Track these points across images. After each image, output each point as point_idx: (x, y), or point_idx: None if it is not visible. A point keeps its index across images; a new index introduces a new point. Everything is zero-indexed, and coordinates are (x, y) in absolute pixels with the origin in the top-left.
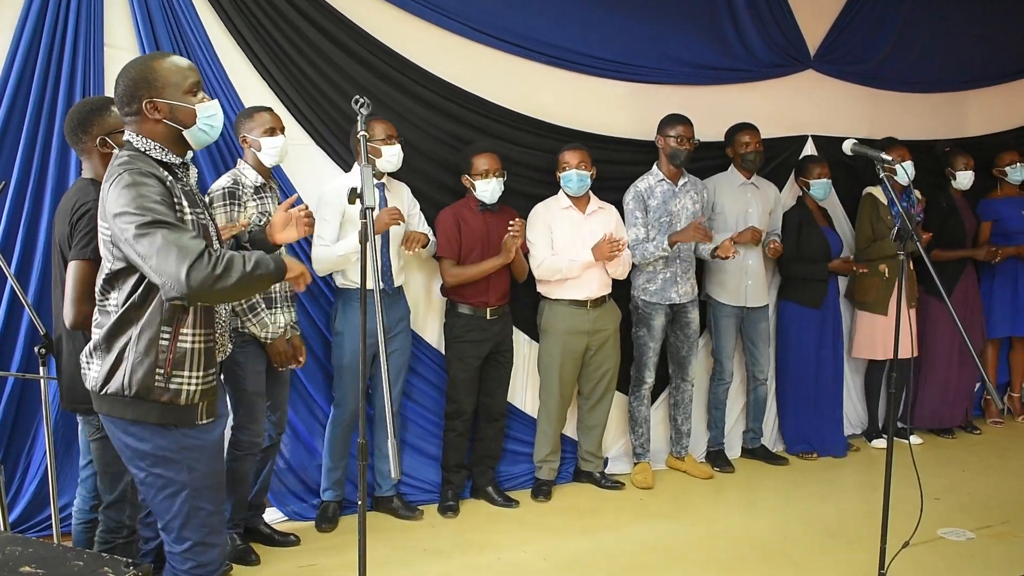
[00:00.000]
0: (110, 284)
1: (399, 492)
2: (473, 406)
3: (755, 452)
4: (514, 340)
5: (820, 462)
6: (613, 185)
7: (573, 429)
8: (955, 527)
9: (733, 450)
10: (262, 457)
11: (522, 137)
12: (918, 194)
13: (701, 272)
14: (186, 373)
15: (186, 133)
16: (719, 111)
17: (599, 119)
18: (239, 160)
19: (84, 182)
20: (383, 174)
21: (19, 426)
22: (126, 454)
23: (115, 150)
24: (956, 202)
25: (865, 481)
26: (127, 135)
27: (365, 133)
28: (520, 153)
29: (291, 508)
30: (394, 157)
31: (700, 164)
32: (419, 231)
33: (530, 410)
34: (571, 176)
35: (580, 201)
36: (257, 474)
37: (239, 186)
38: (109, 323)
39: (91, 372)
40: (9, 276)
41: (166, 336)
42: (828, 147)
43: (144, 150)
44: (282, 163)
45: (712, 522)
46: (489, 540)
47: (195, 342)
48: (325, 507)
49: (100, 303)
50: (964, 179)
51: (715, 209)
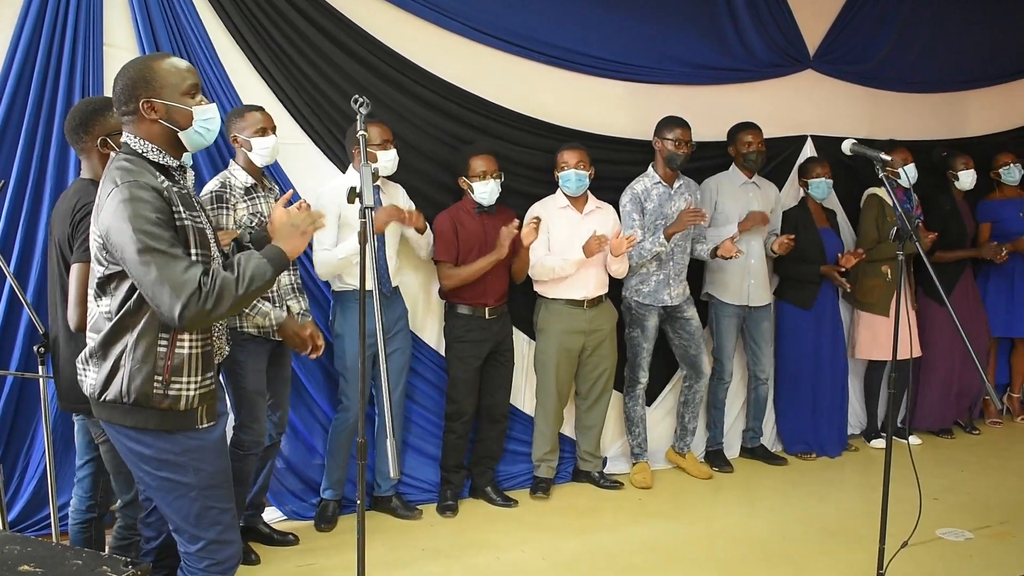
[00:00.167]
0: (102, 289)
1: (398, 492)
2: (474, 407)
3: (754, 452)
4: (516, 341)
5: (819, 462)
6: (613, 185)
7: (572, 429)
8: (954, 527)
9: (732, 450)
10: (263, 456)
11: (522, 137)
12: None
13: (701, 272)
14: (184, 379)
15: (181, 135)
16: (718, 111)
17: (599, 119)
18: (231, 161)
19: (84, 182)
20: (378, 177)
21: (18, 425)
22: (130, 459)
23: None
24: (958, 203)
25: (864, 481)
26: (125, 136)
27: (365, 133)
28: (520, 153)
29: (290, 508)
30: (390, 162)
31: (700, 164)
32: (418, 223)
33: (529, 410)
34: (569, 176)
35: (578, 201)
36: (257, 473)
37: (227, 189)
38: (104, 329)
39: (88, 379)
40: (8, 275)
41: (164, 343)
42: (827, 147)
43: (142, 152)
44: (273, 162)
45: (711, 522)
46: (488, 540)
47: (192, 347)
48: (324, 506)
49: (95, 305)
50: (967, 179)
51: (717, 208)
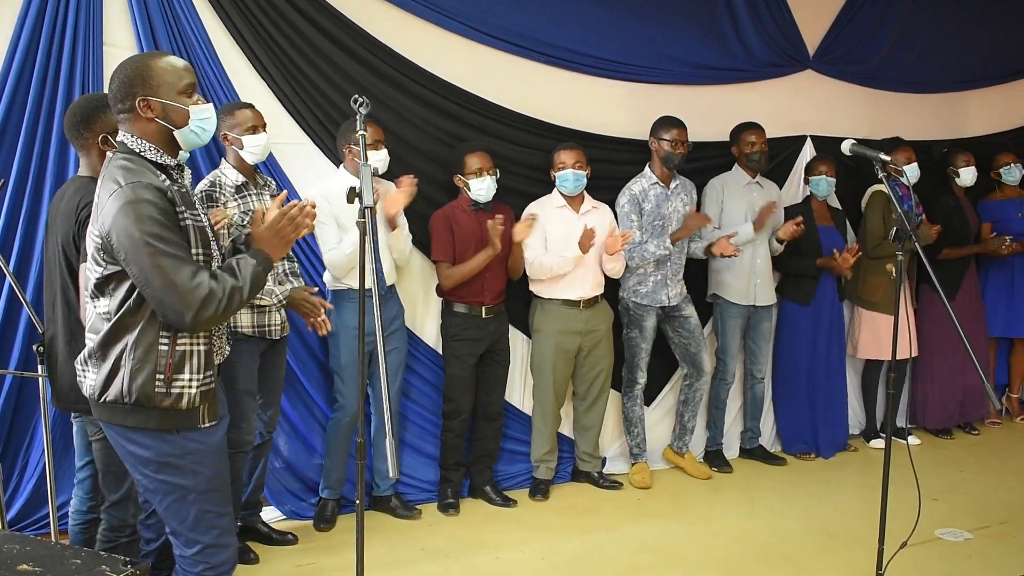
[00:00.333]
0: (100, 290)
1: (397, 492)
2: (470, 405)
3: (753, 452)
4: (510, 339)
5: (818, 462)
6: (613, 185)
7: (570, 429)
8: (953, 528)
9: (731, 450)
10: (255, 455)
11: (521, 137)
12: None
13: (705, 272)
14: (186, 376)
15: (177, 134)
16: (718, 111)
17: (598, 119)
18: (222, 160)
19: (84, 180)
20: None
21: (17, 424)
22: (129, 460)
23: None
24: (960, 201)
25: (863, 481)
26: (121, 135)
27: (364, 133)
28: (519, 153)
29: (289, 507)
30: (380, 162)
31: (700, 164)
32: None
33: (528, 409)
34: (567, 175)
35: (574, 200)
36: (251, 473)
37: (216, 188)
38: (103, 330)
39: (87, 380)
40: (8, 274)
41: (165, 341)
42: (827, 147)
43: (140, 151)
44: (265, 159)
45: (710, 522)
46: (487, 539)
47: (194, 345)
48: (323, 506)
49: (92, 306)
50: (967, 176)
51: (723, 209)
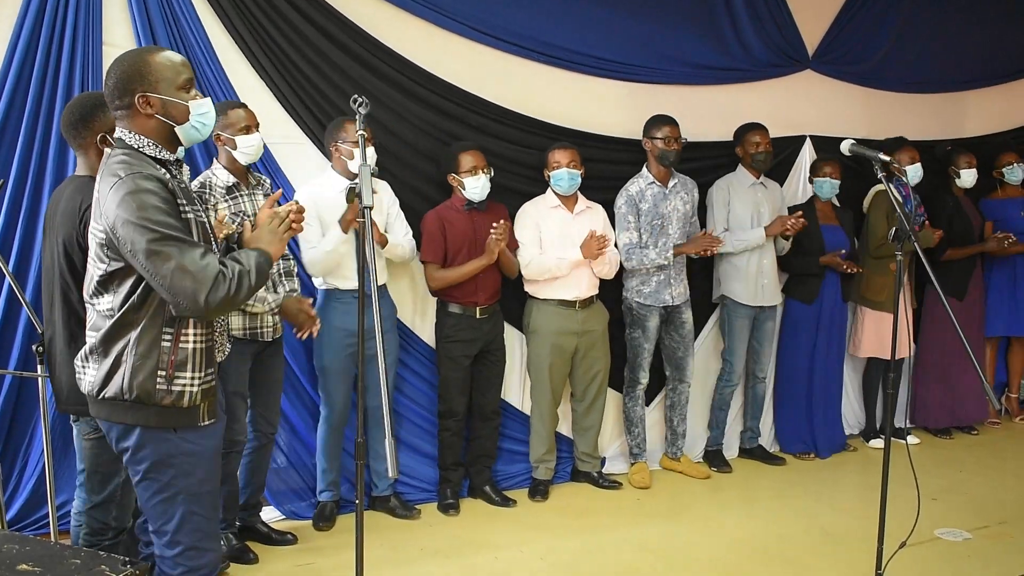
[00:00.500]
0: (103, 287)
1: (396, 492)
2: (466, 405)
3: (752, 452)
4: (508, 338)
5: (817, 462)
6: (612, 185)
7: (569, 428)
8: (952, 527)
9: (730, 450)
10: (257, 457)
11: (520, 136)
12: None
13: (706, 272)
14: (188, 374)
15: (178, 130)
16: (717, 111)
17: (597, 119)
18: (213, 160)
19: (83, 179)
20: (355, 175)
21: (17, 424)
22: (124, 457)
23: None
24: (961, 200)
25: (862, 481)
26: (119, 131)
27: (364, 132)
28: (519, 152)
29: (288, 507)
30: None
31: (700, 164)
32: (396, 227)
33: (527, 409)
34: (561, 175)
35: (568, 200)
36: (253, 473)
37: (207, 189)
38: (105, 327)
39: (87, 376)
40: (7, 274)
41: (168, 338)
42: (826, 148)
43: (138, 147)
44: (258, 160)
45: (709, 522)
46: (486, 539)
47: (196, 342)
48: (322, 506)
49: (92, 305)
50: (968, 177)
51: (730, 210)
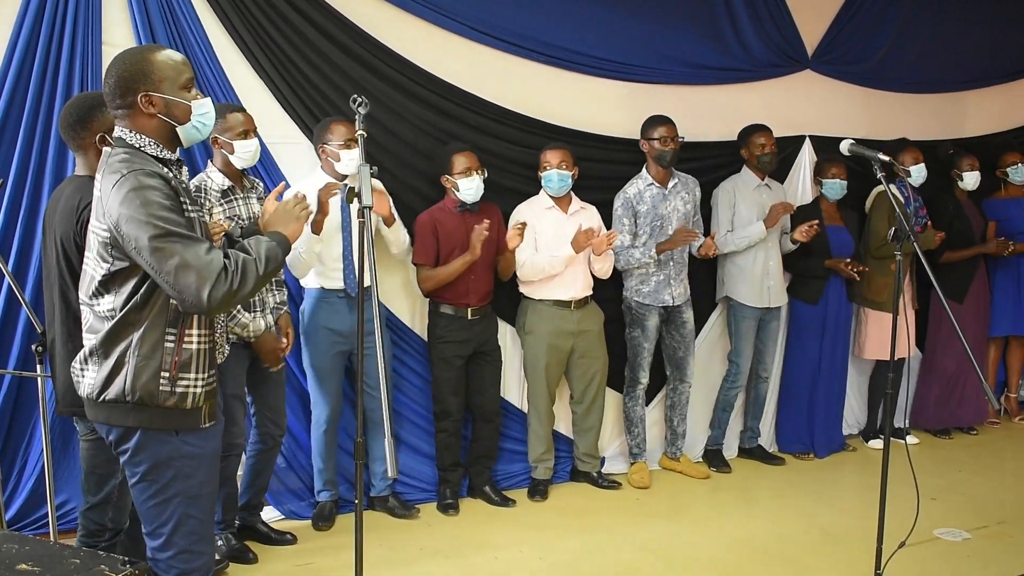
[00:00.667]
0: (105, 287)
1: (395, 491)
2: (460, 406)
3: (752, 452)
4: (506, 338)
5: (816, 462)
6: (612, 185)
7: (568, 428)
8: (951, 527)
9: (730, 450)
10: (263, 458)
11: (520, 136)
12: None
13: (710, 272)
14: (192, 375)
15: (179, 129)
16: (717, 111)
17: (597, 119)
18: (208, 162)
19: (82, 179)
20: (344, 176)
21: (16, 424)
22: (122, 458)
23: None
24: (963, 203)
25: (862, 481)
26: (119, 131)
27: (363, 132)
28: (518, 152)
29: (288, 507)
30: (352, 162)
31: (699, 164)
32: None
33: (526, 407)
34: (551, 176)
35: (562, 201)
36: (258, 474)
37: (202, 192)
38: (105, 328)
39: (86, 379)
40: (7, 274)
41: (171, 338)
42: (826, 148)
43: (139, 146)
44: (261, 160)
45: (709, 522)
46: (486, 539)
47: (200, 343)
48: (322, 506)
49: (90, 306)
50: (970, 180)
51: (736, 211)
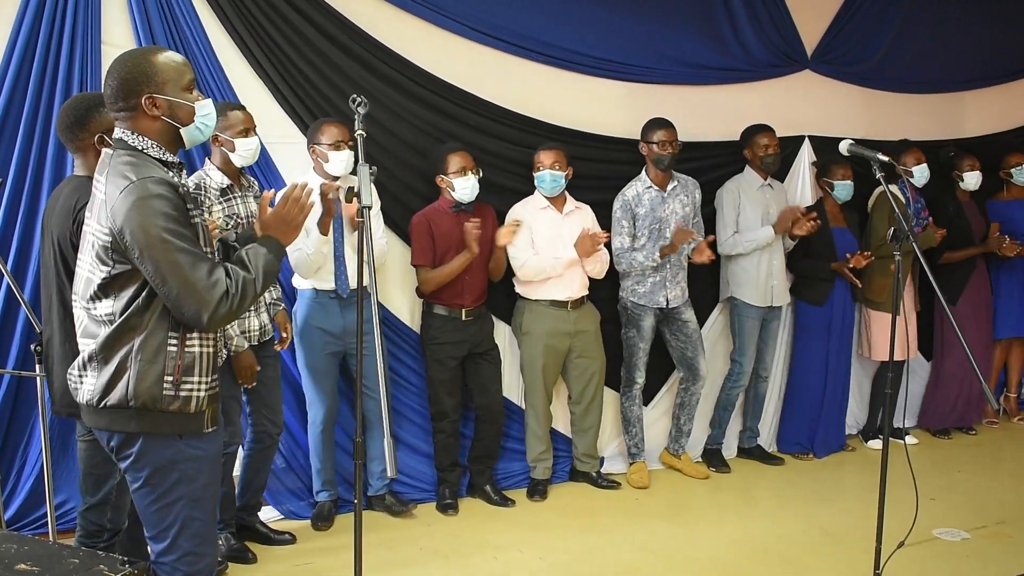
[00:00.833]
0: (104, 291)
1: (392, 490)
2: (456, 407)
3: (751, 452)
4: (504, 337)
5: (816, 462)
6: (612, 185)
7: (567, 426)
8: (950, 527)
9: (729, 449)
10: (260, 457)
11: (519, 136)
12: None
13: (712, 272)
14: (195, 379)
15: (183, 131)
16: (716, 111)
17: (596, 119)
18: (206, 160)
19: (80, 179)
20: (335, 179)
21: (15, 424)
22: (123, 464)
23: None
24: (963, 204)
25: (861, 481)
26: (119, 132)
27: (363, 132)
28: (518, 152)
29: (287, 507)
30: (341, 163)
31: (699, 164)
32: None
33: (523, 404)
34: (544, 176)
35: (557, 201)
36: (256, 473)
37: (201, 190)
38: (105, 333)
39: (85, 385)
40: (6, 274)
41: (174, 342)
42: (825, 148)
43: (141, 149)
44: (260, 159)
45: (708, 522)
46: (486, 539)
47: (203, 346)
48: (320, 507)
49: (87, 309)
50: (971, 180)
51: (741, 212)
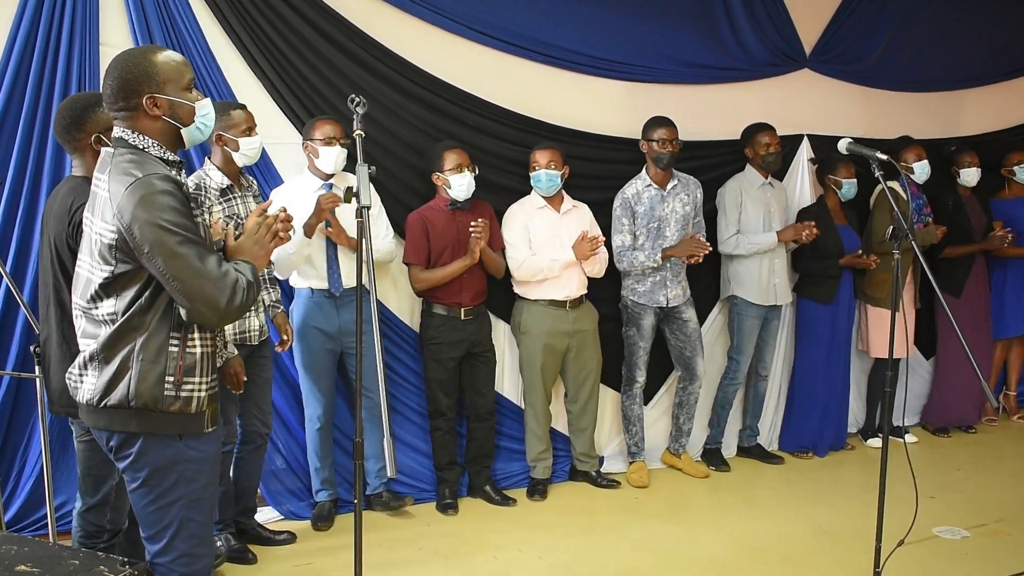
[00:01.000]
0: (106, 291)
1: (390, 489)
2: (453, 405)
3: (751, 451)
4: (503, 336)
5: (815, 461)
6: (611, 184)
7: (566, 425)
8: (950, 525)
9: (729, 448)
10: (251, 458)
11: (518, 136)
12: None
13: (714, 270)
14: (196, 379)
15: (184, 131)
16: (715, 110)
17: (596, 118)
18: (206, 160)
19: (77, 180)
20: (329, 176)
21: (15, 425)
22: (122, 464)
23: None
24: (963, 200)
25: (861, 480)
26: (119, 132)
27: (362, 132)
28: (518, 152)
29: (287, 507)
30: (330, 160)
31: (699, 163)
32: (376, 231)
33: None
34: (540, 176)
35: (554, 200)
36: (248, 476)
37: (201, 190)
38: (106, 333)
39: (85, 385)
40: (5, 275)
41: (175, 342)
42: (824, 147)
43: (143, 148)
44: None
45: (708, 521)
46: (485, 539)
47: (204, 347)
48: (320, 507)
49: (87, 311)
50: (968, 176)
51: (742, 211)
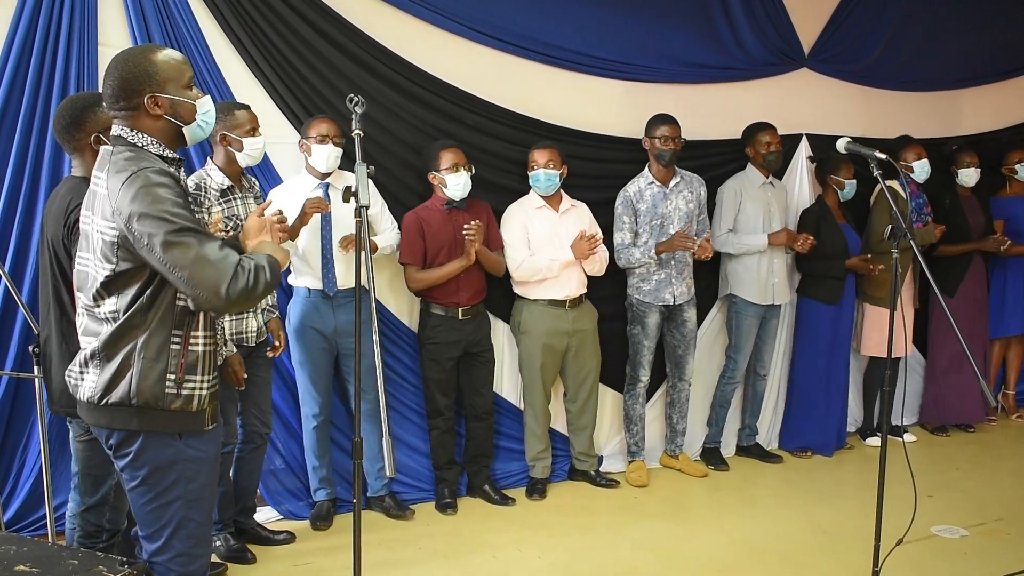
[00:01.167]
0: (107, 289)
1: (392, 491)
2: (451, 405)
3: (749, 450)
4: (502, 335)
5: (814, 460)
6: (611, 184)
7: (565, 425)
8: (949, 524)
9: (728, 448)
10: (251, 458)
11: (519, 136)
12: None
13: (713, 269)
14: (198, 377)
15: (185, 130)
16: (714, 110)
17: (595, 118)
18: (207, 160)
19: (76, 181)
20: (325, 175)
21: (13, 425)
22: (121, 462)
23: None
24: (962, 199)
25: (859, 479)
26: (118, 130)
27: (360, 132)
28: (518, 152)
29: (286, 507)
30: (323, 158)
31: (698, 162)
32: (382, 226)
33: (523, 406)
34: (539, 175)
35: (552, 200)
36: (248, 476)
37: (201, 190)
38: (108, 331)
39: (86, 383)
40: (4, 275)
41: (177, 340)
42: (823, 146)
43: (142, 146)
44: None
45: (707, 521)
46: (485, 539)
47: (205, 345)
48: (319, 506)
49: (88, 309)
50: (966, 176)
51: (741, 211)
